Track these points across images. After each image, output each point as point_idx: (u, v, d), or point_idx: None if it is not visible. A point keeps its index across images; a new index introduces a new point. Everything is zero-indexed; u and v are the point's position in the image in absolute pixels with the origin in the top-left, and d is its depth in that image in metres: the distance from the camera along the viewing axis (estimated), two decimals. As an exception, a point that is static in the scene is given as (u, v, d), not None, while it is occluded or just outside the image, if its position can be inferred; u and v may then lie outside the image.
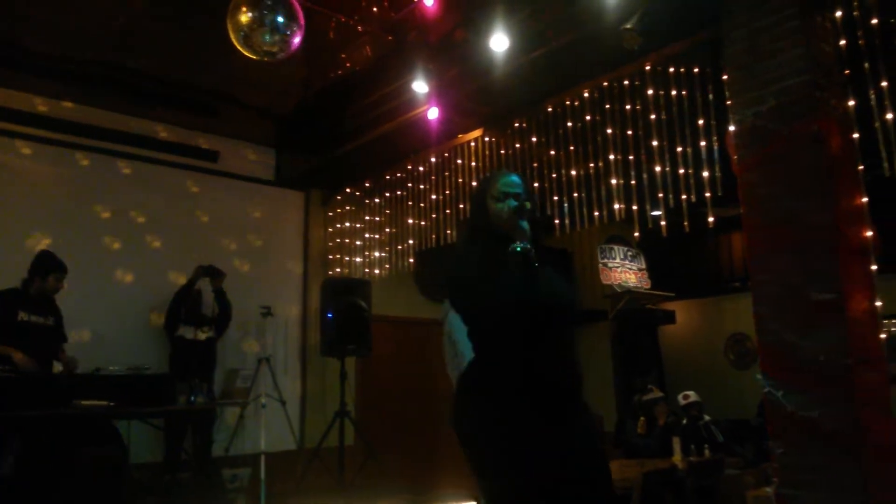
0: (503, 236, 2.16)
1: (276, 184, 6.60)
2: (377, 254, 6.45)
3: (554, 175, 5.05)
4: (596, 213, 4.82)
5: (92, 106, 5.59)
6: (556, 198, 5.03)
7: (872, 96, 3.35)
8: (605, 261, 8.23)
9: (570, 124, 4.76)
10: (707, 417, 6.46)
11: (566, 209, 4.95)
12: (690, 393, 6.55)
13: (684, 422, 6.37)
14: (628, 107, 4.39)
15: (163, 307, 5.53)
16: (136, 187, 5.79)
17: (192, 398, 4.80)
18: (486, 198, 2.28)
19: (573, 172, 4.94)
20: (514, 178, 2.29)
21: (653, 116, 4.26)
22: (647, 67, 4.18)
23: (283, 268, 6.62)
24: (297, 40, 3.53)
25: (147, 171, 5.85)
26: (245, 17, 3.36)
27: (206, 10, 4.17)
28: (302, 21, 3.56)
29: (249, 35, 3.41)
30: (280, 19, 3.40)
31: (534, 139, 5.05)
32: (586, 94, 4.58)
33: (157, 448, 5.24)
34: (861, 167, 3.30)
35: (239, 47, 3.59)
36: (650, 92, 4.22)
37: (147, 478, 5.11)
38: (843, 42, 3.39)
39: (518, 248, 2.06)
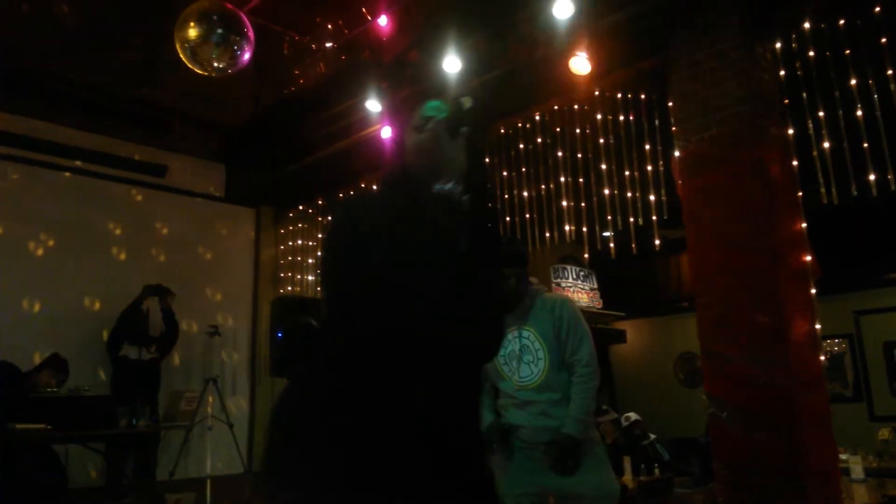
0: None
1: (227, 200, 6.49)
2: (329, 272, 6.38)
3: (506, 196, 5.09)
4: (547, 234, 4.87)
5: (38, 119, 5.42)
6: (508, 218, 5.06)
7: (810, 125, 3.47)
8: (559, 280, 8.28)
9: (521, 146, 4.81)
10: (652, 436, 6.53)
11: (518, 229, 4.99)
12: (631, 414, 6.62)
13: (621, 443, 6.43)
14: (578, 130, 4.46)
15: (106, 326, 5.36)
16: (80, 202, 5.62)
17: (134, 420, 4.65)
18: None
19: (525, 193, 4.99)
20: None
21: (602, 140, 4.33)
22: (597, 93, 4.26)
23: (233, 286, 6.49)
24: (246, 56, 3.49)
25: (91, 186, 5.68)
26: (192, 32, 3.31)
27: (157, 23, 4.10)
28: (251, 36, 3.52)
29: (196, 50, 3.36)
30: (228, 35, 3.36)
31: (486, 160, 5.08)
32: (537, 117, 4.64)
33: (97, 473, 5.05)
34: (800, 194, 3.42)
35: (187, 62, 3.54)
36: (599, 117, 4.30)
37: (87, 503, 4.92)
38: (782, 72, 3.51)
39: None
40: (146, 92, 5.38)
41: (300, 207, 6.58)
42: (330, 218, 1.39)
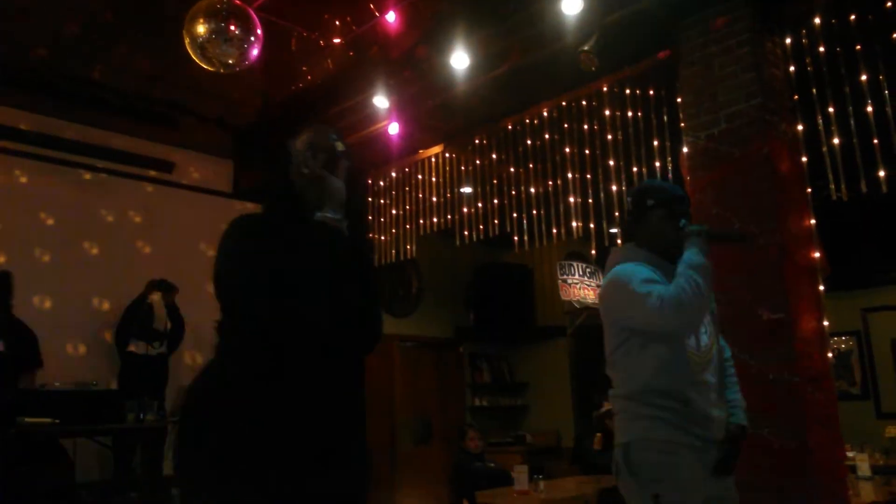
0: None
1: (235, 196, 6.50)
2: (336, 268, 6.39)
3: (513, 192, 5.09)
4: (554, 231, 4.87)
5: (45, 115, 5.45)
6: (515, 214, 5.06)
7: (820, 121, 3.45)
8: (565, 277, 8.30)
9: (529, 142, 4.81)
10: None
11: (525, 226, 4.99)
12: None
13: None
14: (586, 126, 4.45)
15: (114, 321, 5.38)
16: (88, 198, 5.65)
17: (142, 415, 4.67)
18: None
19: (532, 190, 4.98)
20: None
21: (609, 137, 4.32)
22: (605, 88, 4.25)
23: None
24: (254, 52, 3.49)
25: (99, 182, 5.71)
26: (202, 28, 3.32)
27: (165, 19, 4.11)
28: (260, 33, 3.53)
29: (206, 46, 3.37)
30: (237, 31, 3.37)
31: (494, 156, 5.08)
32: (545, 113, 4.63)
33: (105, 467, 5.08)
34: (809, 190, 3.41)
35: (195, 58, 3.55)
36: (607, 112, 4.29)
37: (94, 498, 4.94)
38: (792, 68, 3.50)
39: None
40: (154, 88, 5.39)
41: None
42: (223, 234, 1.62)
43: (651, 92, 4.14)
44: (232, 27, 3.37)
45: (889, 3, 3.23)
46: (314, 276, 1.68)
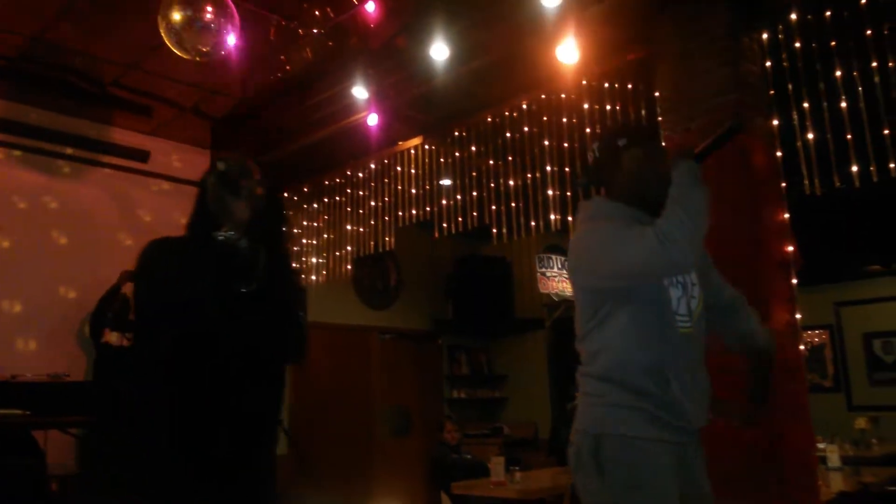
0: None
1: (211, 186, 6.43)
2: (314, 259, 6.36)
3: (492, 184, 5.09)
4: (533, 223, 4.88)
5: (17, 102, 5.34)
6: (493, 207, 5.06)
7: (795, 117, 3.49)
8: (543, 270, 8.34)
9: (508, 135, 4.81)
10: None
11: (504, 218, 5.00)
12: None
13: None
14: (565, 120, 4.46)
15: (87, 312, 5.31)
16: (60, 186, 5.56)
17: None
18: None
19: (511, 182, 4.99)
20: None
21: (588, 130, 4.33)
22: (584, 82, 4.26)
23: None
24: (231, 40, 3.45)
25: (72, 170, 5.62)
26: (177, 15, 3.27)
27: (141, 5, 4.04)
28: (237, 21, 3.48)
29: (181, 34, 3.32)
30: (213, 18, 3.32)
31: (473, 148, 5.08)
32: (524, 106, 4.63)
33: (77, 459, 5.01)
34: (783, 184, 3.44)
35: (171, 46, 3.50)
36: (586, 106, 4.30)
37: (67, 490, 4.88)
38: (768, 64, 3.53)
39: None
40: (130, 76, 5.31)
41: (285, 194, 6.53)
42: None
43: (629, 86, 4.15)
44: (208, 15, 3.32)
45: (863, 1, 3.27)
46: (213, 294, 1.83)
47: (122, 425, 1.86)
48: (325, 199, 6.15)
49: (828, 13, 3.36)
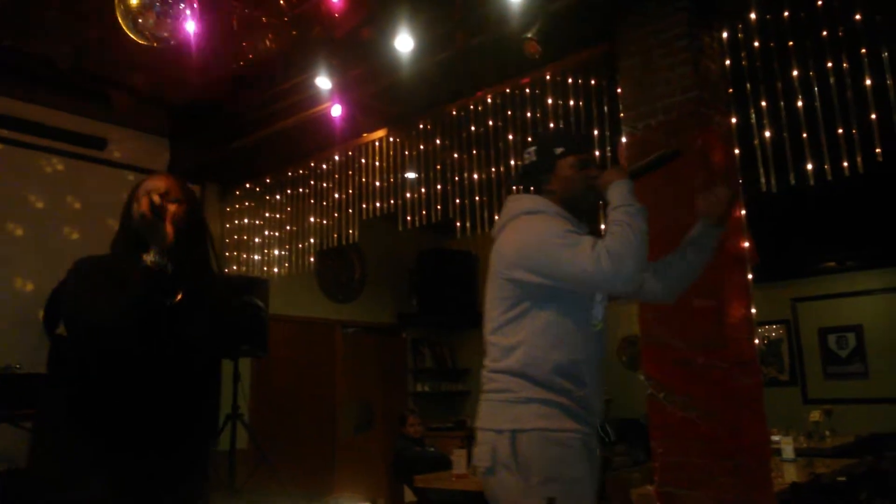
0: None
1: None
2: (277, 252, 6.29)
3: (457, 178, 5.08)
4: (497, 217, 4.87)
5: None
6: (458, 200, 5.06)
7: (753, 115, 3.55)
8: (508, 264, 8.36)
9: (473, 128, 4.80)
10: (601, 418, 6.68)
11: (468, 212, 4.99)
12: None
13: None
14: (529, 114, 4.47)
15: (41, 305, 5.17)
16: (11, 174, 5.39)
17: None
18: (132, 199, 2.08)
19: (475, 176, 4.98)
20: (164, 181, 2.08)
21: (552, 125, 4.35)
22: (548, 77, 4.27)
23: (177, 264, 6.32)
24: (190, 26, 3.38)
25: (24, 158, 5.45)
26: (133, -1, 3.19)
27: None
28: (197, 6, 3.41)
29: (138, 18, 3.23)
30: (172, 3, 3.24)
31: (438, 141, 5.06)
32: (489, 100, 4.63)
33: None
34: (740, 181, 3.50)
35: (127, 31, 3.41)
36: (549, 101, 4.32)
37: (15, 484, 4.76)
38: (728, 62, 3.58)
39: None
40: (86, 62, 5.17)
41: (247, 185, 6.45)
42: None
43: (593, 82, 4.17)
44: (166, -1, 3.24)
45: (820, 2, 3.33)
46: (136, 317, 1.91)
47: (37, 421, 1.97)
48: (289, 191, 6.08)
49: (786, 13, 3.42)
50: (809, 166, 3.38)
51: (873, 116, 3.17)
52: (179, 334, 1.96)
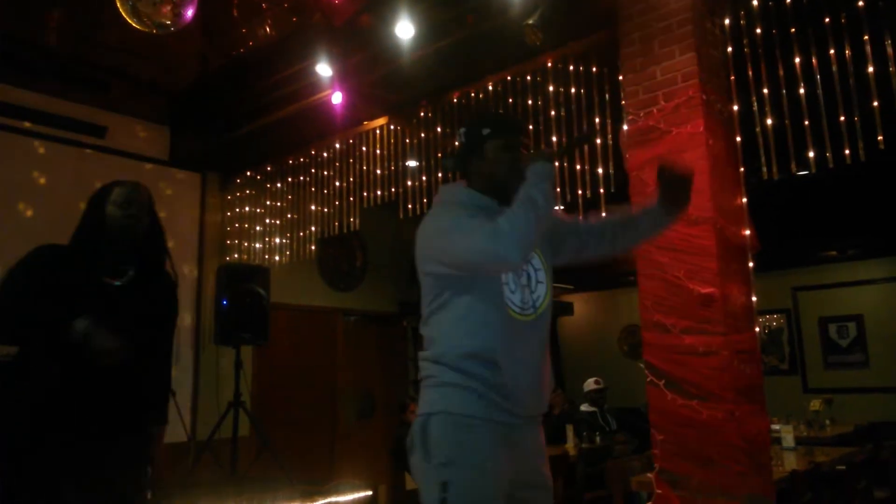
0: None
1: (171, 164, 6.30)
2: (278, 240, 6.29)
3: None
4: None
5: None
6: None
7: (755, 102, 3.53)
8: (509, 253, 8.36)
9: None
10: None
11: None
12: (594, 380, 6.78)
13: (583, 408, 6.59)
14: (530, 102, 4.45)
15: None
16: (12, 162, 5.39)
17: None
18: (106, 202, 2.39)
19: (476, 164, 4.96)
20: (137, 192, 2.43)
21: (553, 112, 4.33)
22: (549, 64, 4.25)
23: (177, 252, 6.29)
24: (189, 12, 3.37)
25: (25, 145, 5.45)
26: (132, -15, 3.17)
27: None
28: (196, -6, 3.40)
29: (138, 5, 3.22)
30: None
31: (439, 129, 5.05)
32: (490, 87, 4.61)
33: None
34: (742, 169, 3.49)
35: (128, 18, 3.40)
36: (551, 88, 4.30)
37: None
38: (730, 49, 3.56)
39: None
40: (86, 49, 5.15)
41: (248, 173, 6.44)
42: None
43: (594, 69, 4.15)
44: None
45: (823, -12, 3.30)
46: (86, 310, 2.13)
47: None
48: (289, 179, 6.07)
49: (788, 0, 3.39)
50: (811, 154, 3.36)
51: (875, 104, 3.15)
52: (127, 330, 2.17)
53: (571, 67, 4.21)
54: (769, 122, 3.49)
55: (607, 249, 2.18)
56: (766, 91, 3.49)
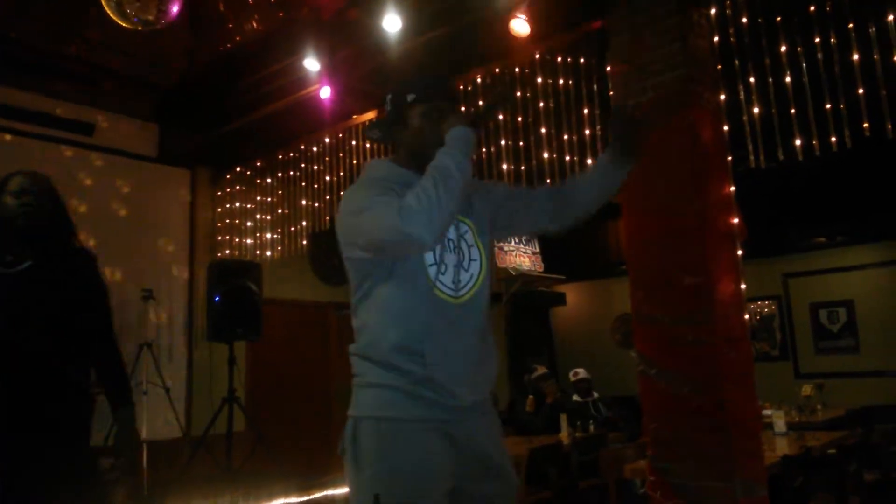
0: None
1: (160, 160, 6.28)
2: (269, 235, 6.28)
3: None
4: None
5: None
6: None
7: (741, 91, 3.55)
8: (501, 244, 8.37)
9: (463, 109, 4.78)
10: (595, 394, 6.75)
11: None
12: (580, 370, 6.81)
13: (574, 398, 6.63)
14: (518, 94, 4.45)
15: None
16: (0, 161, 5.35)
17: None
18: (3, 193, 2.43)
19: (466, 156, 4.96)
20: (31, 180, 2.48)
21: (542, 104, 4.34)
22: (537, 56, 4.25)
23: (168, 249, 6.33)
24: (175, 9, 3.35)
25: (12, 144, 5.42)
26: (116, -18, 3.16)
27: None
28: (181, -10, 3.38)
29: (123, 2, 3.21)
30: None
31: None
32: (479, 80, 4.61)
33: None
34: (730, 158, 3.51)
35: (112, 15, 3.38)
36: (539, 80, 4.30)
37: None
38: (716, 38, 3.57)
39: None
40: (72, 46, 5.12)
41: (238, 169, 6.42)
42: None
43: (582, 60, 4.16)
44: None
45: (808, -23, 3.32)
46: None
47: None
48: (280, 174, 6.06)
49: (774, -12, 3.41)
50: (798, 142, 3.39)
51: (860, 91, 3.17)
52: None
53: (560, 59, 4.22)
54: (756, 110, 3.51)
55: (562, 218, 2.02)
56: (752, 80, 3.51)
